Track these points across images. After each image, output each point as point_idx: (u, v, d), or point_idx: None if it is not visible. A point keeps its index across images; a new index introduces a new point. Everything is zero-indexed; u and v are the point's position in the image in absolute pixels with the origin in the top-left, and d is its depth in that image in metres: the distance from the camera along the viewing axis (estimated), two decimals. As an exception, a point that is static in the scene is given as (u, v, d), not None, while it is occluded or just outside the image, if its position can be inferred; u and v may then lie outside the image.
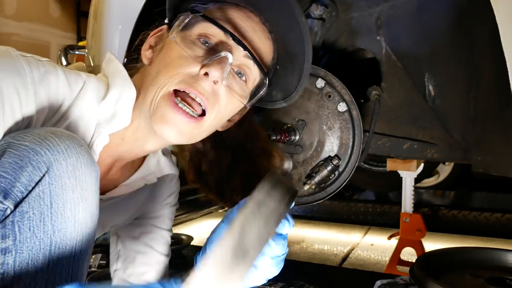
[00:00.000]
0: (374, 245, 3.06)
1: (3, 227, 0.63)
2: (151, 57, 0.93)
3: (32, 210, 0.64)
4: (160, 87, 0.85)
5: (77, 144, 0.70)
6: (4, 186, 0.63)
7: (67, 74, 0.83)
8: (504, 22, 0.85)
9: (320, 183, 1.16)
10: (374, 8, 1.26)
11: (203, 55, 0.86)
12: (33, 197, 0.64)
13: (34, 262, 0.65)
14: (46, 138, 0.67)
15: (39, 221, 0.65)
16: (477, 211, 3.32)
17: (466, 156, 1.24)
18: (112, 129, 0.88)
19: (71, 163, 0.68)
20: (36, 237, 0.65)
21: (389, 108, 1.30)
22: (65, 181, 0.67)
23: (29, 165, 0.64)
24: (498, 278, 1.23)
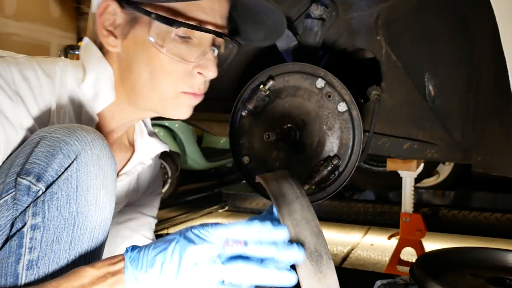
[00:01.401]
0: (374, 245, 3.06)
1: (35, 206, 0.72)
2: (118, 44, 0.91)
3: (61, 192, 0.72)
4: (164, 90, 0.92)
5: (101, 138, 0.78)
6: (38, 171, 0.72)
7: (43, 65, 0.87)
8: (504, 22, 0.85)
9: (320, 183, 1.16)
10: (374, 8, 1.26)
11: (193, 55, 0.91)
12: (62, 181, 0.72)
13: (58, 239, 0.72)
14: (75, 131, 0.75)
15: (66, 202, 0.73)
16: (477, 211, 3.32)
17: (466, 156, 1.24)
18: (98, 107, 0.93)
19: (95, 153, 0.76)
20: (62, 216, 0.72)
21: (389, 108, 1.30)
22: (90, 169, 0.75)
23: (60, 153, 0.73)
24: (498, 278, 1.22)
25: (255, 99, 1.19)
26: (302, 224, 0.77)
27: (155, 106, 0.95)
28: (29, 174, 0.72)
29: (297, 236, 0.75)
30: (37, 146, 0.74)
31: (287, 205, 0.79)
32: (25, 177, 0.72)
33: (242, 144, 1.25)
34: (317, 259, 0.74)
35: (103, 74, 0.92)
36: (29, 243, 0.71)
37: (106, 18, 0.90)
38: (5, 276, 0.71)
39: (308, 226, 0.77)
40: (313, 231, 0.77)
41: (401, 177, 2.53)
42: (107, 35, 0.90)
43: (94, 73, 0.92)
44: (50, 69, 0.88)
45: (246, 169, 1.26)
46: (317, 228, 0.78)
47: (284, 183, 0.84)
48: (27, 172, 0.72)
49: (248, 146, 1.25)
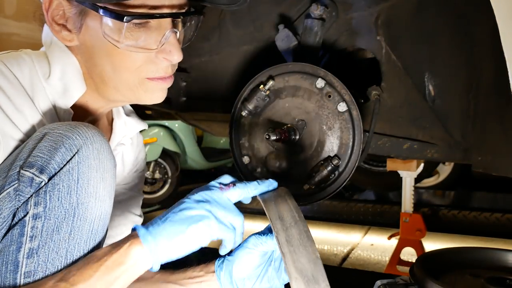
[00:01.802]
0: (374, 245, 3.06)
1: (37, 196, 0.74)
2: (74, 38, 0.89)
3: (62, 183, 0.74)
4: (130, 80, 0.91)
5: (101, 134, 0.81)
6: (41, 164, 0.74)
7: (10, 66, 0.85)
8: (504, 22, 0.85)
9: (320, 183, 1.16)
10: (374, 8, 1.26)
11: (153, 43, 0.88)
12: (63, 172, 0.75)
13: (58, 229, 0.74)
14: (76, 127, 0.78)
15: (67, 193, 0.74)
16: (477, 211, 3.33)
17: (466, 156, 1.24)
18: (70, 101, 0.92)
19: (96, 147, 0.78)
20: (63, 207, 0.74)
21: (389, 108, 1.30)
22: (90, 162, 0.77)
23: (63, 147, 0.75)
24: (498, 278, 1.22)
25: (255, 99, 1.19)
26: (300, 250, 0.79)
27: (127, 96, 0.94)
28: (32, 166, 0.74)
29: (295, 264, 0.77)
30: (41, 141, 0.76)
31: (285, 231, 0.81)
32: (28, 169, 0.74)
33: (242, 144, 1.25)
34: (314, 286, 0.76)
35: (68, 66, 0.91)
36: (30, 231, 0.73)
37: (54, 13, 0.87)
38: (6, 264, 0.72)
39: (306, 253, 0.79)
40: (310, 258, 0.79)
41: (401, 177, 2.52)
42: (60, 30, 0.88)
43: (59, 66, 0.90)
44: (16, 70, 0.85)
45: (246, 169, 1.26)
46: (315, 255, 0.79)
47: (283, 205, 0.86)
48: (30, 164, 0.74)
49: (248, 146, 1.25)
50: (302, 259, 0.78)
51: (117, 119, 1.10)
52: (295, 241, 0.80)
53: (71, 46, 0.91)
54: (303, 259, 0.78)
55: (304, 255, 0.79)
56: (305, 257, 0.79)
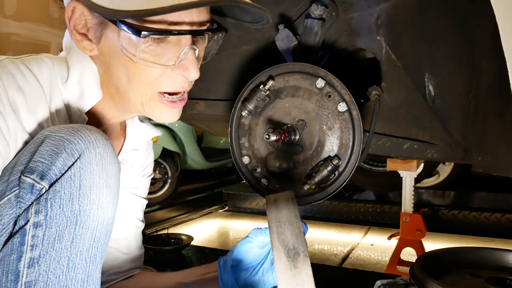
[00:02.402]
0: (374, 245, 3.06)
1: (38, 203, 0.72)
2: (94, 48, 0.89)
3: (63, 190, 0.73)
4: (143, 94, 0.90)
5: (104, 137, 0.79)
6: (41, 169, 0.72)
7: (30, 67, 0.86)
8: (504, 22, 0.85)
9: (320, 183, 1.16)
10: (374, 8, 1.26)
11: (171, 58, 0.87)
12: (65, 179, 0.73)
13: (60, 238, 0.72)
14: (78, 130, 0.76)
15: (68, 201, 0.73)
16: (477, 211, 3.32)
17: (466, 156, 1.24)
18: (86, 106, 0.92)
19: (99, 152, 0.76)
20: (64, 214, 0.73)
21: (389, 108, 1.30)
22: (93, 167, 0.75)
23: (64, 152, 0.73)
24: (498, 278, 1.22)
25: (255, 99, 1.19)
26: (286, 226, 0.84)
27: (139, 109, 0.94)
28: (33, 172, 0.73)
29: (279, 236, 0.83)
30: (42, 145, 0.75)
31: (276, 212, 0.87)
32: (29, 175, 0.73)
33: (242, 144, 1.25)
34: (294, 256, 0.80)
35: (86, 72, 0.91)
36: (31, 240, 0.71)
37: (77, 22, 0.87)
38: (6, 274, 0.71)
39: (291, 227, 0.84)
40: (293, 232, 0.83)
41: (401, 177, 2.52)
42: (81, 39, 0.88)
43: (77, 71, 0.90)
44: (37, 71, 0.86)
45: (246, 169, 1.26)
46: (298, 230, 0.84)
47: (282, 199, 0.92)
48: (31, 170, 0.73)
49: (248, 146, 1.25)
50: (287, 232, 0.83)
51: (131, 124, 1.10)
52: (283, 219, 0.85)
53: None
54: (287, 232, 0.83)
55: (289, 229, 0.84)
56: (289, 231, 0.84)
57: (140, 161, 1.20)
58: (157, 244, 2.56)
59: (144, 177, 1.24)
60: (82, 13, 0.86)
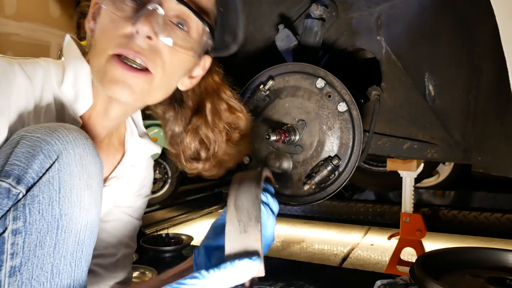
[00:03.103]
0: (374, 245, 3.06)
1: (15, 210, 0.68)
2: (94, 28, 0.91)
3: (42, 194, 0.69)
4: (100, 54, 0.85)
5: (84, 136, 0.75)
6: (17, 173, 0.69)
7: (24, 66, 0.84)
8: (504, 22, 0.85)
9: (320, 183, 1.16)
10: (374, 8, 1.26)
11: (132, 12, 0.84)
12: (43, 182, 0.69)
13: (41, 244, 0.69)
14: (56, 130, 0.72)
15: (48, 205, 0.70)
16: (477, 211, 3.32)
17: (466, 156, 1.24)
18: (80, 110, 0.90)
19: (78, 152, 0.73)
20: (45, 220, 0.69)
21: (389, 108, 1.30)
22: (72, 169, 0.72)
23: (41, 153, 0.70)
24: (498, 278, 1.22)
25: (255, 99, 1.19)
26: (245, 192, 0.84)
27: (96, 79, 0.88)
28: (8, 176, 0.69)
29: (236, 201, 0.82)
30: (17, 147, 0.71)
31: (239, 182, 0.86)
32: (5, 179, 0.69)
33: (242, 144, 1.25)
34: (246, 220, 0.79)
35: (80, 73, 0.90)
36: (10, 249, 0.68)
37: (93, 10, 0.92)
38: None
39: (249, 194, 0.83)
40: (250, 198, 0.83)
41: (401, 177, 2.52)
42: (89, 21, 0.92)
43: (72, 73, 0.89)
44: (31, 71, 0.85)
45: (246, 169, 1.26)
46: (256, 196, 0.83)
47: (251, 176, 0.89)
48: (6, 174, 0.69)
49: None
50: (243, 198, 0.83)
51: (130, 139, 1.07)
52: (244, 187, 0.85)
53: None
54: (244, 198, 0.83)
55: (246, 196, 0.83)
56: (247, 197, 0.83)
57: (138, 179, 1.15)
58: (157, 244, 2.56)
59: (140, 197, 1.19)
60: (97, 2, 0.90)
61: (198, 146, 1.06)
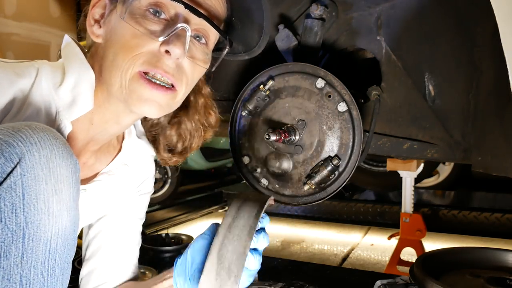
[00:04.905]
0: (374, 245, 3.06)
1: None
2: (101, 34, 0.89)
3: (4, 201, 0.64)
4: (123, 71, 0.84)
5: (52, 136, 0.70)
6: None
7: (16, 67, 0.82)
8: (504, 22, 0.85)
9: (320, 183, 1.16)
10: (374, 8, 1.26)
11: (159, 30, 0.84)
12: (4, 188, 0.64)
13: (6, 254, 0.64)
14: (19, 130, 0.67)
15: (11, 213, 0.64)
16: (477, 211, 3.32)
17: (466, 156, 1.24)
18: (74, 115, 0.87)
19: (44, 154, 0.67)
20: (8, 228, 0.64)
21: (389, 108, 1.30)
22: (38, 173, 0.66)
23: (1, 156, 0.64)
24: (498, 278, 1.23)
25: (255, 99, 1.19)
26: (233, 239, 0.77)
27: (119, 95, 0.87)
28: None
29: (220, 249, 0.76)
30: None
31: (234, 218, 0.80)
32: None
33: (242, 144, 1.25)
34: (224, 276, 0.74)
35: (83, 79, 0.87)
36: None
37: (96, 11, 0.90)
38: None
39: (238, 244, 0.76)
40: (236, 250, 0.76)
41: (401, 177, 2.52)
42: (93, 24, 0.90)
43: (74, 78, 0.87)
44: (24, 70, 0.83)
45: (246, 169, 1.26)
46: (243, 250, 0.76)
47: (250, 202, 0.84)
48: None
49: (248, 146, 1.25)
50: (230, 247, 0.76)
51: (128, 138, 1.07)
52: (236, 230, 0.78)
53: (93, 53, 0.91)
54: (230, 247, 0.76)
55: (234, 245, 0.76)
56: (234, 247, 0.76)
57: (134, 178, 1.14)
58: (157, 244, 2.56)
59: (141, 195, 1.18)
60: (104, 3, 0.90)
61: (177, 138, 1.09)
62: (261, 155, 1.23)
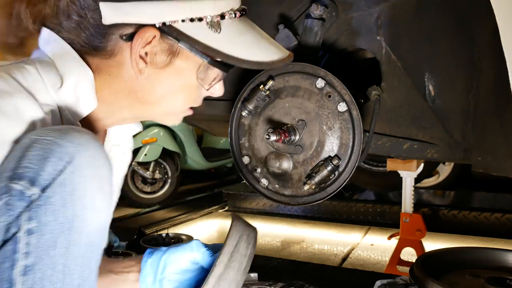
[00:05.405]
0: (374, 245, 3.06)
1: (29, 210, 0.70)
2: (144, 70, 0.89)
3: (56, 196, 0.71)
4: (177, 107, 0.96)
5: (95, 139, 0.77)
6: (31, 175, 0.70)
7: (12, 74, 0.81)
8: (504, 22, 0.85)
9: (320, 183, 1.16)
10: (374, 8, 1.26)
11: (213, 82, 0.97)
12: (57, 184, 0.71)
13: (54, 244, 0.71)
14: (67, 133, 0.74)
15: (61, 207, 0.71)
16: (477, 211, 3.32)
17: (466, 156, 1.24)
18: (81, 113, 0.89)
19: (90, 155, 0.74)
20: (58, 221, 0.71)
21: (389, 108, 1.30)
22: (85, 171, 0.73)
23: (54, 156, 0.71)
24: (498, 278, 1.23)
25: (255, 99, 1.19)
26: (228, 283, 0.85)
27: (155, 116, 0.97)
28: (21, 178, 0.70)
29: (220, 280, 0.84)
30: (28, 150, 0.72)
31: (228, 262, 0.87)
32: (18, 181, 0.70)
33: (242, 144, 1.25)
34: None
35: (83, 79, 0.87)
36: (24, 248, 0.70)
37: (145, 49, 0.87)
38: (1, 282, 0.69)
39: None
40: None
41: (401, 177, 2.52)
42: (138, 60, 0.87)
43: (74, 78, 0.86)
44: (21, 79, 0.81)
45: (246, 169, 1.26)
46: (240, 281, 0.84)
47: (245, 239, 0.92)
48: (19, 176, 0.70)
49: (248, 146, 1.25)
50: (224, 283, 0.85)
51: None
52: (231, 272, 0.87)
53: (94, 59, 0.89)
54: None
55: None
56: None
57: (126, 159, 1.15)
58: (157, 244, 2.56)
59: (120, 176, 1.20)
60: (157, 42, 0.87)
61: None
62: (261, 155, 1.23)
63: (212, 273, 0.86)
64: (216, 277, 0.85)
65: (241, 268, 0.88)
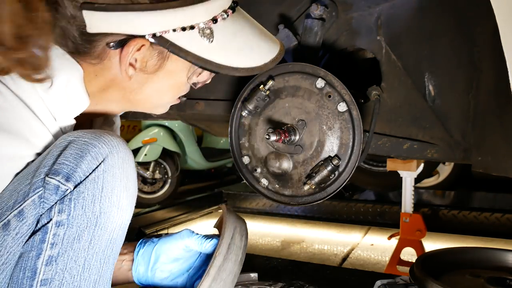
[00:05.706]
0: (374, 245, 3.06)
1: (61, 203, 0.74)
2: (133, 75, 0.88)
3: (87, 191, 0.75)
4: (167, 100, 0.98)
5: (124, 143, 0.83)
6: (67, 171, 0.75)
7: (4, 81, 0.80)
8: (504, 22, 0.85)
9: (320, 183, 1.16)
10: (374, 8, 1.26)
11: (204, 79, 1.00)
12: (89, 181, 0.76)
13: (79, 237, 0.75)
14: (101, 136, 0.79)
15: (91, 202, 0.76)
16: (477, 211, 3.31)
17: (466, 156, 1.24)
18: (73, 112, 0.89)
19: (121, 156, 0.79)
20: (86, 215, 0.75)
21: (389, 108, 1.30)
22: (115, 171, 0.78)
23: (89, 155, 0.76)
24: (498, 278, 1.23)
25: (255, 99, 1.19)
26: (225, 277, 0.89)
27: (142, 110, 0.99)
28: (58, 174, 0.75)
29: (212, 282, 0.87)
30: (66, 149, 0.77)
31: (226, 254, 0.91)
32: (54, 177, 0.74)
33: (242, 144, 1.25)
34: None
35: (74, 77, 0.86)
36: (52, 239, 0.74)
37: (135, 56, 0.85)
38: (24, 270, 0.73)
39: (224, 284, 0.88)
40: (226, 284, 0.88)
41: (401, 177, 2.52)
42: (128, 67, 0.86)
43: (64, 77, 0.85)
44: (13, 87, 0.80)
45: (246, 169, 1.26)
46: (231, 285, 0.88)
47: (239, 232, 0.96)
48: (56, 172, 0.75)
49: (248, 146, 1.25)
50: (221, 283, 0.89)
51: None
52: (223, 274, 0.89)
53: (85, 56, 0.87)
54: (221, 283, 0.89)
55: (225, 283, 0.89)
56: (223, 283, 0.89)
57: None
58: (157, 244, 2.56)
59: None
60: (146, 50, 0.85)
61: None
62: (261, 155, 1.23)
63: (212, 264, 0.88)
64: (217, 268, 0.87)
65: (238, 259, 0.91)
